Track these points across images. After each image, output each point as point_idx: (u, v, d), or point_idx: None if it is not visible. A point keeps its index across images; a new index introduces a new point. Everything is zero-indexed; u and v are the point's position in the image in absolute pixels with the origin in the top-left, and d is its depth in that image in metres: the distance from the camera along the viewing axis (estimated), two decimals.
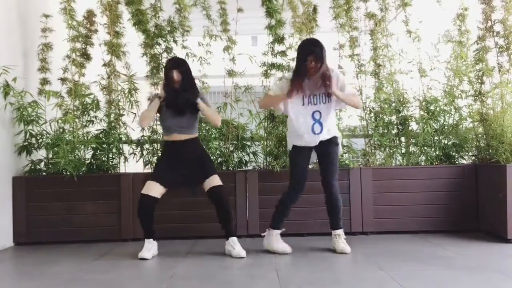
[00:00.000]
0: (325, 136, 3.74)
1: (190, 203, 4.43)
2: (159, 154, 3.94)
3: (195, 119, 3.85)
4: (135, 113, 4.79)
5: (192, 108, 3.77)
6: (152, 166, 4.71)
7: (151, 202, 3.68)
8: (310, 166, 3.92)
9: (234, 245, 3.73)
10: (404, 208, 4.50)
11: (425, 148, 4.72)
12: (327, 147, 3.77)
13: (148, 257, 3.67)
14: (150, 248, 3.73)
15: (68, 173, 4.36)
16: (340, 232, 3.81)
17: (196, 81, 4.72)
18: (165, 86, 3.81)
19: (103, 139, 4.59)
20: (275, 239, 3.83)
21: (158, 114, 3.89)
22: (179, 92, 3.75)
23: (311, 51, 3.65)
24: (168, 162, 3.78)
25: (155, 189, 3.70)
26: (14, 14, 4.58)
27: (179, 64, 3.81)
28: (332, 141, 3.77)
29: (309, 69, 3.65)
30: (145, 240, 3.77)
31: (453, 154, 4.73)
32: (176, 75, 3.72)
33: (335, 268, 3.33)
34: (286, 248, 3.79)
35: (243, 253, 3.69)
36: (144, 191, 3.71)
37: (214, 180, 3.77)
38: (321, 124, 3.72)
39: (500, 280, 2.91)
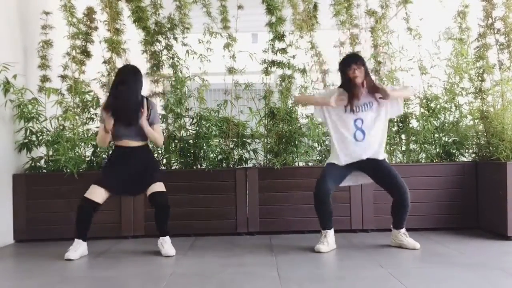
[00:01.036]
0: (374, 150, 3.71)
1: (191, 200, 4.44)
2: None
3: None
4: None
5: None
6: None
7: (91, 208, 3.62)
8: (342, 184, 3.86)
9: (164, 243, 3.70)
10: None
11: (426, 145, 4.72)
12: (377, 164, 3.74)
13: (75, 258, 3.60)
14: (77, 248, 3.67)
15: (68, 171, 4.36)
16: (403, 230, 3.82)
17: (196, 79, 4.76)
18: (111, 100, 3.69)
19: None
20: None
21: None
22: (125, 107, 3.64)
23: (352, 60, 3.74)
24: (115, 168, 3.71)
25: (98, 194, 3.62)
26: (15, 11, 4.57)
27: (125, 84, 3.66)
28: (379, 160, 3.75)
29: (352, 78, 3.66)
30: (75, 240, 3.68)
31: (454, 151, 4.73)
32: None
33: (335, 266, 3.33)
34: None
35: (172, 251, 3.66)
36: (87, 194, 3.63)
37: (156, 186, 3.69)
38: (363, 132, 3.70)
39: (500, 277, 2.91)
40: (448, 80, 4.79)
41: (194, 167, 4.67)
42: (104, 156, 4.66)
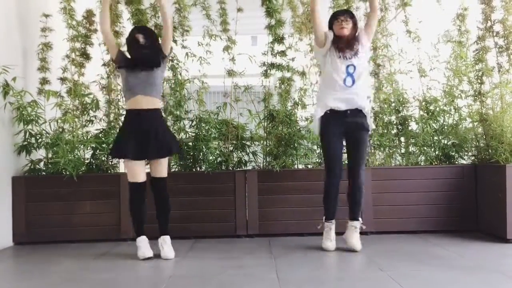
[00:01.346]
0: (358, 101, 3.75)
1: (190, 202, 4.44)
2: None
3: (160, 79, 3.78)
4: None
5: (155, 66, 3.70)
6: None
7: (143, 188, 3.66)
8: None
9: (164, 244, 3.71)
10: (404, 208, 4.50)
11: (425, 148, 4.72)
12: (357, 133, 3.79)
13: (151, 254, 3.65)
14: (144, 243, 3.71)
15: (67, 173, 4.36)
16: (357, 224, 3.84)
17: (196, 81, 4.76)
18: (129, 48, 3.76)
19: (103, 138, 4.59)
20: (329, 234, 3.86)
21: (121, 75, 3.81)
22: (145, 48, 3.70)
23: (340, 12, 3.87)
24: (132, 136, 3.64)
25: (138, 171, 3.64)
26: (14, 14, 4.58)
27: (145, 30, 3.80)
28: (364, 126, 3.80)
29: (339, 27, 3.76)
30: (138, 239, 3.72)
31: (453, 154, 4.73)
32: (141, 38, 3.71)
33: (335, 268, 3.32)
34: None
35: (171, 254, 3.66)
36: (131, 178, 3.65)
37: (162, 168, 3.72)
38: (353, 79, 3.74)
39: (500, 280, 2.91)
40: (447, 82, 4.79)
41: (194, 170, 4.67)
42: (103, 158, 4.65)
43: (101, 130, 4.69)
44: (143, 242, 3.70)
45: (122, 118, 4.76)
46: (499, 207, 4.04)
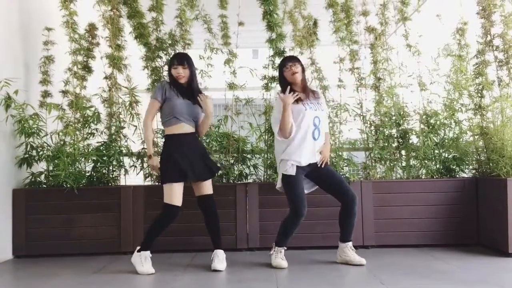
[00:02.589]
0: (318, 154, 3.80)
1: (191, 215, 4.42)
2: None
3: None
4: (135, 126, 4.81)
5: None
6: (153, 179, 4.71)
7: (176, 212, 3.68)
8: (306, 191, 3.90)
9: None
10: (405, 221, 4.48)
11: (426, 161, 4.72)
12: (321, 168, 3.81)
13: (153, 271, 3.64)
14: (147, 260, 3.70)
15: (68, 186, 4.36)
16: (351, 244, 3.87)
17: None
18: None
19: (104, 151, 4.59)
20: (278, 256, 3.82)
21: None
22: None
23: (287, 59, 3.89)
24: (178, 157, 3.68)
25: (178, 194, 3.67)
26: (17, 27, 4.62)
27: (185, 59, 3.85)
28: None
29: (291, 74, 3.78)
30: (143, 252, 3.71)
31: (454, 167, 4.73)
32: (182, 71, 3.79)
33: (335, 282, 3.30)
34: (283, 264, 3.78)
35: (220, 266, 3.70)
36: (168, 201, 3.64)
37: (209, 186, 3.81)
38: (319, 131, 3.79)
39: None
40: (448, 96, 4.81)
41: None
42: (104, 171, 4.65)
43: (102, 143, 4.69)
44: (148, 257, 3.69)
45: (123, 131, 4.80)
46: (501, 220, 4.03)
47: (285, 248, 3.84)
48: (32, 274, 3.75)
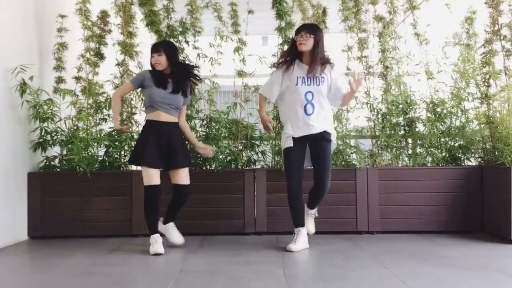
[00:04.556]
0: (320, 125, 3.82)
1: (200, 200, 4.53)
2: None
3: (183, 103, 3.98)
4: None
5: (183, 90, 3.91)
6: None
7: (158, 191, 3.79)
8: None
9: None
10: (410, 208, 4.56)
11: (432, 149, 4.77)
12: (320, 144, 3.86)
13: (162, 251, 3.75)
14: (158, 241, 3.81)
15: (81, 170, 4.48)
16: (314, 212, 4.08)
17: (207, 81, 4.85)
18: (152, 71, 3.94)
19: (116, 136, 4.70)
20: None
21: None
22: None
23: (300, 28, 3.88)
24: (153, 144, 3.81)
25: (155, 176, 3.78)
26: (32, 15, 4.71)
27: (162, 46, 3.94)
28: (325, 138, 3.85)
29: (299, 43, 3.80)
30: (151, 236, 3.82)
31: (459, 155, 4.78)
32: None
33: (340, 266, 3.40)
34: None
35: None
36: (146, 182, 3.77)
37: (185, 175, 3.93)
38: (313, 106, 3.82)
39: (503, 280, 2.97)
40: (455, 85, 4.85)
41: (204, 168, 4.76)
42: (116, 155, 4.76)
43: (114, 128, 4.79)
44: (159, 239, 3.80)
45: (135, 117, 4.89)
46: (504, 208, 4.10)
47: (300, 227, 3.92)
48: (47, 254, 3.88)
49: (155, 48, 3.90)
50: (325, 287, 2.82)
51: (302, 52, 3.84)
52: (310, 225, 4.06)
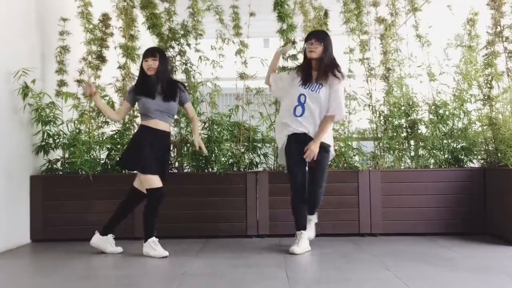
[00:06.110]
0: (307, 128, 3.81)
1: (202, 203, 4.53)
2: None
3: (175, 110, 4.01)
4: None
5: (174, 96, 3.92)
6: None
7: (163, 193, 3.81)
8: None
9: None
10: (413, 210, 4.55)
11: (434, 151, 4.76)
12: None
13: (167, 254, 3.75)
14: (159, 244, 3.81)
15: (83, 173, 4.48)
16: (313, 217, 4.11)
17: (209, 84, 4.85)
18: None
19: (118, 139, 4.70)
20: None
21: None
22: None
23: (309, 36, 3.92)
24: (151, 150, 3.83)
25: (158, 181, 3.81)
26: (33, 18, 4.71)
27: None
28: (322, 146, 3.83)
29: (309, 51, 3.84)
30: (149, 239, 3.82)
31: (462, 157, 4.77)
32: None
33: (342, 268, 3.39)
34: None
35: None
36: (154, 186, 3.78)
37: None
38: (303, 108, 3.82)
39: (507, 282, 2.96)
40: (457, 87, 4.84)
41: (206, 171, 4.76)
42: (118, 158, 4.75)
43: (116, 131, 4.80)
44: (158, 243, 3.81)
45: (137, 120, 4.90)
46: (507, 210, 4.09)
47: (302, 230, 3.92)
48: (50, 257, 3.88)
49: (151, 53, 3.90)
50: None
51: (311, 58, 3.87)
52: (309, 231, 4.05)
